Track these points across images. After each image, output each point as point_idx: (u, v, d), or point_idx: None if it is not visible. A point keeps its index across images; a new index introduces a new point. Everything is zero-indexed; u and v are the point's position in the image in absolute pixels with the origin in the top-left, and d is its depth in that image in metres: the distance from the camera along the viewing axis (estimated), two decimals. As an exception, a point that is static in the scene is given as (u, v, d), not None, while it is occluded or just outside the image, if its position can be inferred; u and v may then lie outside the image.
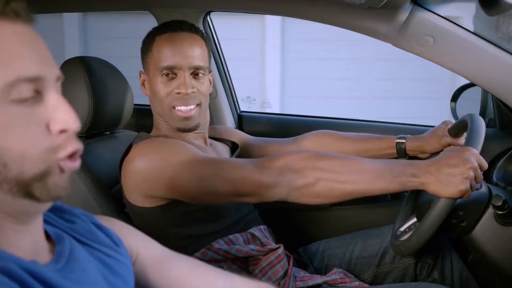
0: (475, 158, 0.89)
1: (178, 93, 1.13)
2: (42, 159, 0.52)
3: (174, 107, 1.14)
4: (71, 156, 0.55)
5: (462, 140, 1.22)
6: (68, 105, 0.54)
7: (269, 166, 0.95)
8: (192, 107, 1.15)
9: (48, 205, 0.58)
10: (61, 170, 0.54)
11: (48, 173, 0.53)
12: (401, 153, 1.29)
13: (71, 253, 0.60)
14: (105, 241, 0.69)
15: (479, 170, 0.89)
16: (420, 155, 1.29)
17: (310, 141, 1.39)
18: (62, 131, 0.54)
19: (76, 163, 0.56)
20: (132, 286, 0.68)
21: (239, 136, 1.42)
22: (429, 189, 0.89)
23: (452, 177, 0.87)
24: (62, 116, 0.53)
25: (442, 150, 1.21)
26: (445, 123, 1.27)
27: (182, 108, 1.14)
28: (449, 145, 1.23)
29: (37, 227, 0.59)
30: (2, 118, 0.50)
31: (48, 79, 0.54)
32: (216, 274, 0.78)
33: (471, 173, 0.87)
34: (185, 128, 1.16)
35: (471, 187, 0.88)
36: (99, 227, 0.70)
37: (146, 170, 1.05)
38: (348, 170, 0.92)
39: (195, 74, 1.15)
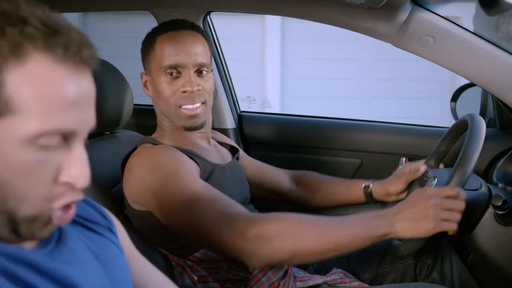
0: (438, 195, 0.92)
1: (184, 92, 1.13)
2: (39, 204, 0.52)
3: (180, 106, 1.14)
4: (66, 206, 0.55)
5: (419, 173, 1.25)
6: (86, 161, 0.54)
7: (246, 235, 0.91)
8: (198, 105, 1.15)
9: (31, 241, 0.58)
10: (51, 220, 0.54)
11: (38, 219, 0.53)
12: (368, 197, 1.35)
13: (60, 237, 0.60)
14: (99, 220, 0.69)
15: (447, 204, 0.92)
16: (385, 199, 1.34)
17: (295, 177, 1.48)
18: (68, 184, 0.53)
19: (68, 215, 0.55)
20: (124, 267, 0.69)
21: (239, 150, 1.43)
22: (404, 236, 0.92)
23: (417, 220, 0.91)
24: (76, 171, 0.53)
25: (407, 190, 1.29)
26: (404, 165, 1.33)
27: (189, 106, 1.14)
28: (412, 181, 1.27)
29: None
30: (21, 160, 0.49)
31: (80, 133, 0.53)
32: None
33: (434, 211, 0.90)
34: (191, 127, 1.16)
35: (448, 220, 0.91)
36: (93, 206, 0.70)
37: (140, 184, 1.05)
38: (325, 238, 0.93)
39: (199, 72, 1.15)
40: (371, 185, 1.35)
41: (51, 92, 0.49)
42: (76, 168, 0.53)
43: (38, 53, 0.49)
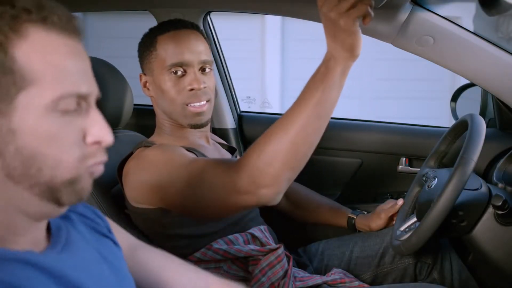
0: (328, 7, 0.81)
1: (191, 90, 1.13)
2: (75, 166, 0.55)
3: (187, 104, 1.14)
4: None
5: (397, 206, 1.33)
6: (104, 121, 0.58)
7: (241, 190, 0.85)
8: (204, 102, 1.15)
9: (67, 207, 0.61)
10: (91, 175, 0.58)
11: (78, 179, 0.56)
12: (351, 227, 1.42)
13: (67, 240, 0.61)
14: (97, 220, 0.71)
15: (340, 7, 0.78)
16: (366, 230, 1.39)
17: None
18: (96, 143, 0.57)
19: (100, 168, 0.60)
20: (124, 265, 0.69)
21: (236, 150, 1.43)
22: (346, 47, 0.83)
23: (340, 35, 0.83)
24: (99, 130, 0.57)
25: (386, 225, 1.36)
26: (386, 202, 1.37)
27: (196, 104, 1.14)
28: (392, 216, 1.34)
29: (46, 221, 0.61)
30: (47, 127, 0.52)
31: (91, 97, 0.57)
32: (188, 268, 0.81)
33: (339, 18, 0.80)
34: (198, 124, 1.16)
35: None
36: (88, 207, 0.73)
37: (139, 185, 1.05)
38: (291, 130, 0.85)
39: (202, 69, 1.15)
40: (355, 218, 1.41)
41: (58, 59, 0.53)
42: (97, 127, 0.57)
43: (35, 24, 0.52)
